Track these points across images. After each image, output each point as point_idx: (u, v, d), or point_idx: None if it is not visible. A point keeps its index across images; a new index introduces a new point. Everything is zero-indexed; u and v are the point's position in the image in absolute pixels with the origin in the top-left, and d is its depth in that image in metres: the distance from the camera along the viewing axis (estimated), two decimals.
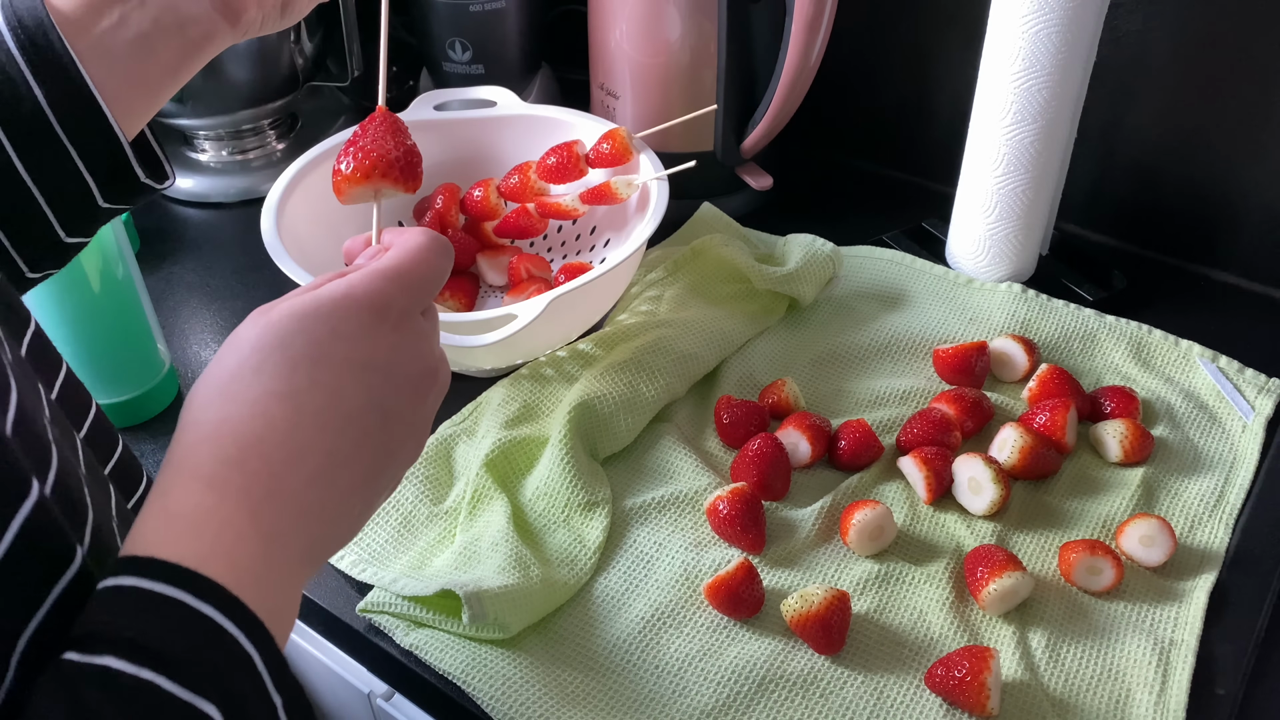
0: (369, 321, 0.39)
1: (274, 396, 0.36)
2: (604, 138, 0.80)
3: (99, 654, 0.29)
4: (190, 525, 0.33)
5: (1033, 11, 0.74)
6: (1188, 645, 0.60)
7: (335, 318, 0.38)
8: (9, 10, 0.45)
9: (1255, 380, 0.77)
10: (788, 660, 0.59)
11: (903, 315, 0.84)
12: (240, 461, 0.35)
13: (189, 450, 0.35)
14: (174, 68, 0.50)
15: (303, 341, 0.37)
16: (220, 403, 0.36)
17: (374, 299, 0.39)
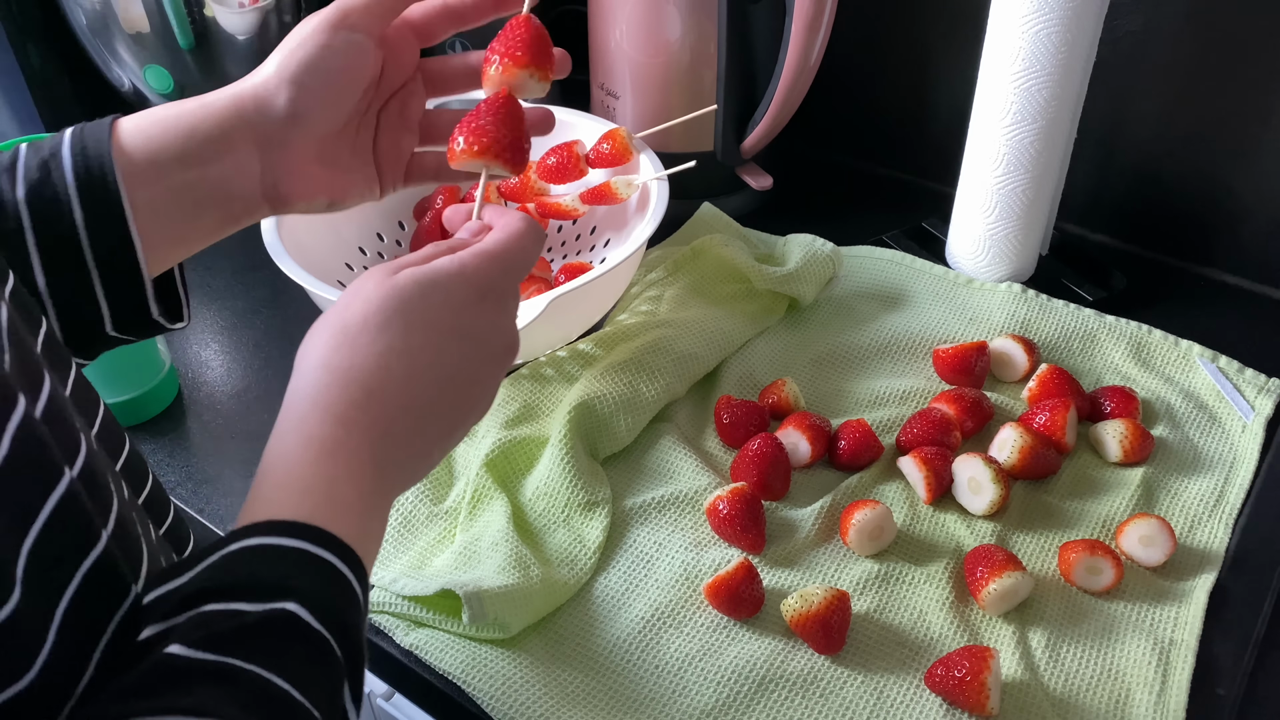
0: (474, 298, 0.45)
1: (394, 352, 0.43)
2: (604, 138, 0.80)
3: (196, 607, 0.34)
4: (325, 451, 0.40)
5: (1033, 11, 0.74)
6: (1187, 645, 0.60)
7: (448, 290, 0.44)
8: (77, 135, 0.48)
9: (1255, 380, 0.77)
10: (788, 660, 0.59)
11: (903, 315, 0.84)
12: (365, 405, 0.42)
13: (323, 389, 0.41)
14: (212, 232, 0.53)
15: (420, 307, 0.43)
16: (350, 350, 0.42)
17: (481, 279, 0.45)
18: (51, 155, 0.47)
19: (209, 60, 0.94)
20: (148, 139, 0.49)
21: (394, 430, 0.42)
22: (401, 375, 0.43)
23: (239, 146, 0.51)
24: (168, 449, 0.75)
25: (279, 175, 0.52)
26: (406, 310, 0.43)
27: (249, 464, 0.74)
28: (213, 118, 0.50)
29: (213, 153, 0.50)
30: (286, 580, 0.35)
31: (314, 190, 0.54)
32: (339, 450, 0.40)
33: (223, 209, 0.52)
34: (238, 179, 0.51)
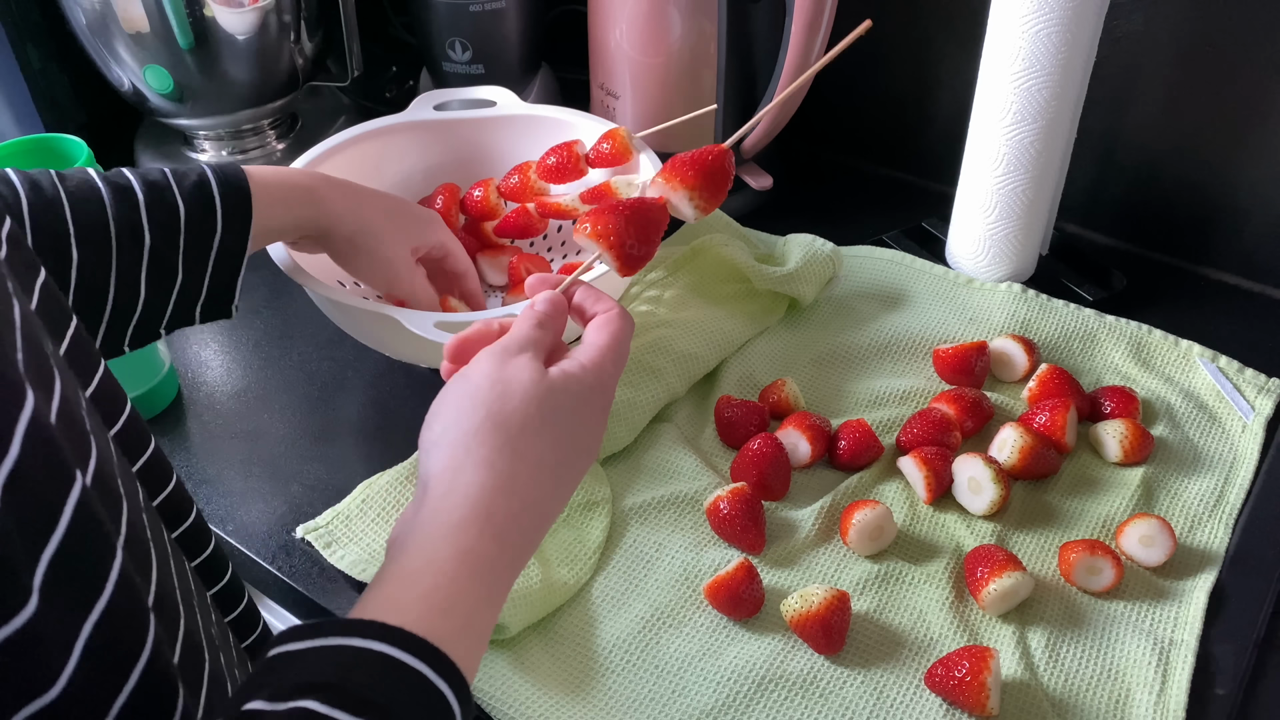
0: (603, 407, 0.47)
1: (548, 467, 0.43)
2: (604, 138, 0.80)
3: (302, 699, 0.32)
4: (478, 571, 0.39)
5: (1033, 11, 0.74)
6: (1187, 645, 0.60)
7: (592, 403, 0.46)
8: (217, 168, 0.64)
9: (1255, 380, 0.77)
10: (788, 660, 0.59)
11: (903, 315, 0.84)
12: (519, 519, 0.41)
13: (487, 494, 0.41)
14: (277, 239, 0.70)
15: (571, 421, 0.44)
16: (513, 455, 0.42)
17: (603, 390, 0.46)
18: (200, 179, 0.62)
19: (209, 60, 0.94)
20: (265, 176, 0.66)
21: (528, 547, 0.42)
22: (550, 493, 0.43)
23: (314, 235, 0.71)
24: (168, 449, 0.75)
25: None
26: (559, 420, 0.43)
27: (249, 464, 0.74)
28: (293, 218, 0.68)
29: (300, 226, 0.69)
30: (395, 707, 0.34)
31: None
32: (490, 571, 0.40)
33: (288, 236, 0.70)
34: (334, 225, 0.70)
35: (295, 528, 0.68)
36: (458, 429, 0.42)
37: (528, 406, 0.43)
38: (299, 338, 0.85)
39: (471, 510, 0.40)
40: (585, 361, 0.46)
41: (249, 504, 0.71)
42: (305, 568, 0.66)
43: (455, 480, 0.41)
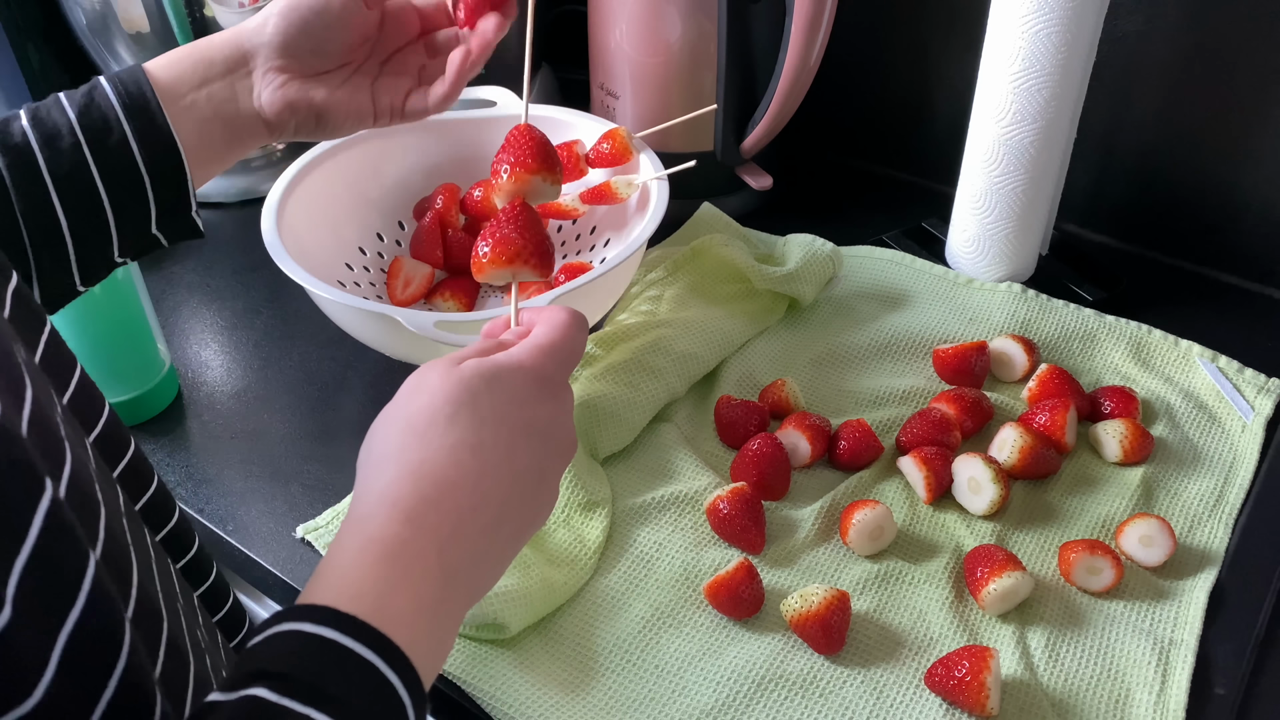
0: (535, 390, 0.44)
1: (465, 446, 0.41)
2: (604, 138, 0.80)
3: (250, 687, 0.32)
4: (387, 552, 0.38)
5: (1033, 11, 0.74)
6: (1187, 645, 0.60)
7: (513, 384, 0.44)
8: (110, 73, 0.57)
9: (1255, 380, 0.77)
10: (787, 660, 0.59)
11: (902, 315, 0.84)
12: (436, 501, 0.40)
13: (390, 483, 0.40)
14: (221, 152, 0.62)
15: (488, 401, 0.43)
16: (419, 445, 0.41)
17: (540, 371, 0.45)
18: (93, 87, 0.56)
19: None
20: (166, 66, 0.59)
21: (464, 530, 0.40)
22: (474, 472, 0.41)
23: (237, 69, 0.60)
24: (168, 449, 0.75)
25: (269, 94, 0.61)
26: (475, 404, 0.42)
27: (249, 464, 0.74)
28: (215, 46, 0.60)
29: (217, 73, 0.60)
30: (327, 686, 0.33)
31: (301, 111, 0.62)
32: (402, 552, 0.38)
33: (226, 126, 0.60)
34: (235, 96, 0.60)
35: (295, 528, 0.68)
36: (373, 440, 0.43)
37: (434, 398, 0.42)
38: (299, 338, 0.85)
39: (377, 501, 0.40)
40: (514, 351, 0.46)
41: (249, 504, 0.71)
42: (305, 568, 0.66)
43: (363, 486, 0.41)
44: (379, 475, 0.41)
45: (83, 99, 0.56)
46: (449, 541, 0.40)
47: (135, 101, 0.56)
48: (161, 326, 0.80)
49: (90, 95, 0.56)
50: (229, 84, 0.60)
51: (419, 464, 0.40)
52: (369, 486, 0.41)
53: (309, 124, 0.63)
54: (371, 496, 0.40)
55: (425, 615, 0.38)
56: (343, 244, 0.84)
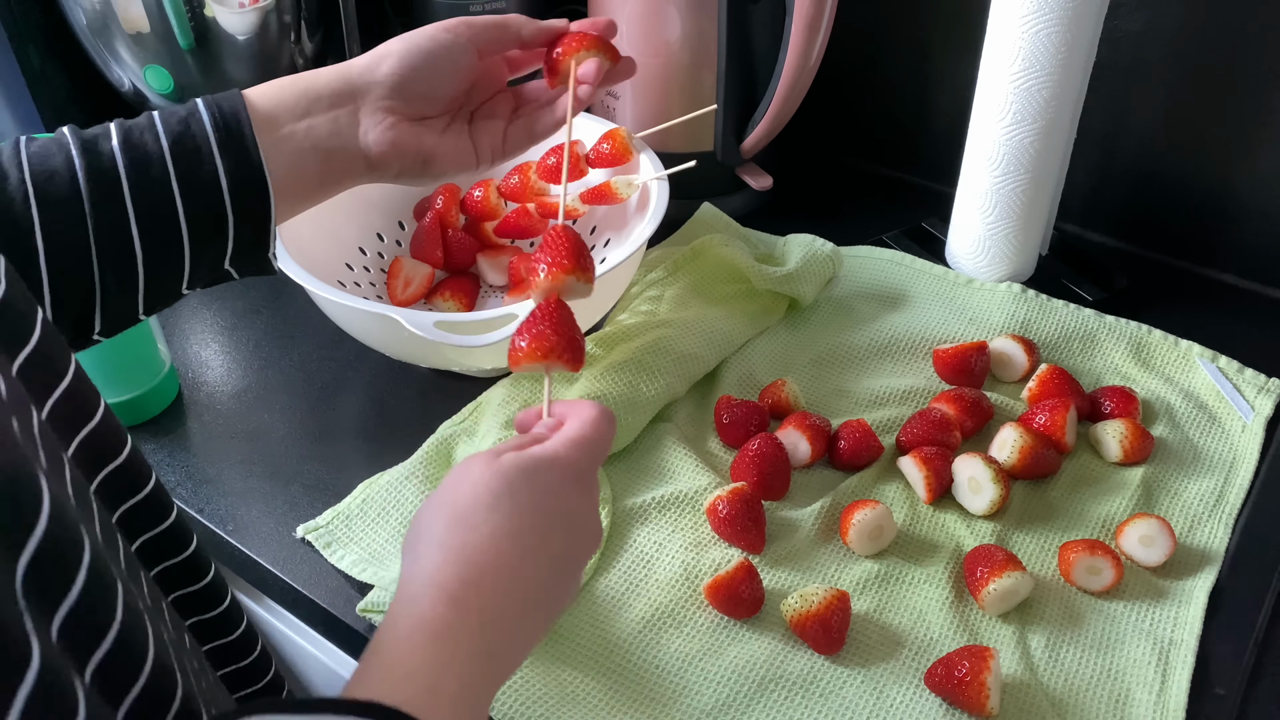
0: (569, 482, 0.47)
1: (505, 533, 0.44)
2: (604, 138, 0.80)
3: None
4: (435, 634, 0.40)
5: (1033, 12, 0.74)
6: (1187, 645, 0.60)
7: (548, 476, 0.46)
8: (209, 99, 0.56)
9: (1255, 380, 0.77)
10: (788, 660, 0.59)
11: (902, 315, 0.84)
12: (478, 584, 0.42)
13: (437, 567, 0.42)
14: (314, 187, 0.59)
15: (526, 491, 0.45)
16: (463, 530, 0.43)
17: (574, 464, 0.47)
18: (190, 114, 0.54)
19: (209, 60, 0.94)
20: (266, 96, 0.57)
21: (504, 613, 0.43)
22: (512, 557, 0.44)
23: (343, 104, 0.58)
24: (168, 449, 0.75)
25: (376, 136, 0.59)
26: (514, 492, 0.45)
27: (249, 464, 0.74)
28: (322, 79, 0.58)
29: (321, 107, 0.58)
30: None
31: (406, 146, 0.60)
32: (449, 633, 0.41)
33: (324, 162, 0.58)
34: (341, 133, 0.58)
35: (295, 528, 0.68)
36: (419, 527, 0.45)
37: (476, 488, 0.45)
38: (299, 338, 0.85)
39: (424, 583, 0.42)
40: (550, 444, 0.48)
41: (249, 504, 0.71)
42: (305, 567, 0.66)
43: (411, 569, 0.43)
44: (426, 559, 0.43)
45: (179, 126, 0.54)
46: (490, 623, 0.42)
47: (231, 135, 0.54)
48: (162, 326, 0.80)
49: (186, 123, 0.54)
50: (332, 119, 0.58)
51: (462, 548, 0.43)
52: (417, 569, 0.43)
53: (414, 168, 0.62)
54: (419, 579, 0.42)
55: (469, 694, 0.40)
56: (343, 244, 0.84)
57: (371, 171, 0.60)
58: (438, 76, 0.61)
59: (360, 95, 0.59)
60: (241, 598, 0.80)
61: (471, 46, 0.62)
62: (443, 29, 0.62)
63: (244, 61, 0.96)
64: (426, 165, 0.62)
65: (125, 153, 0.52)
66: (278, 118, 0.56)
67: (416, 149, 0.61)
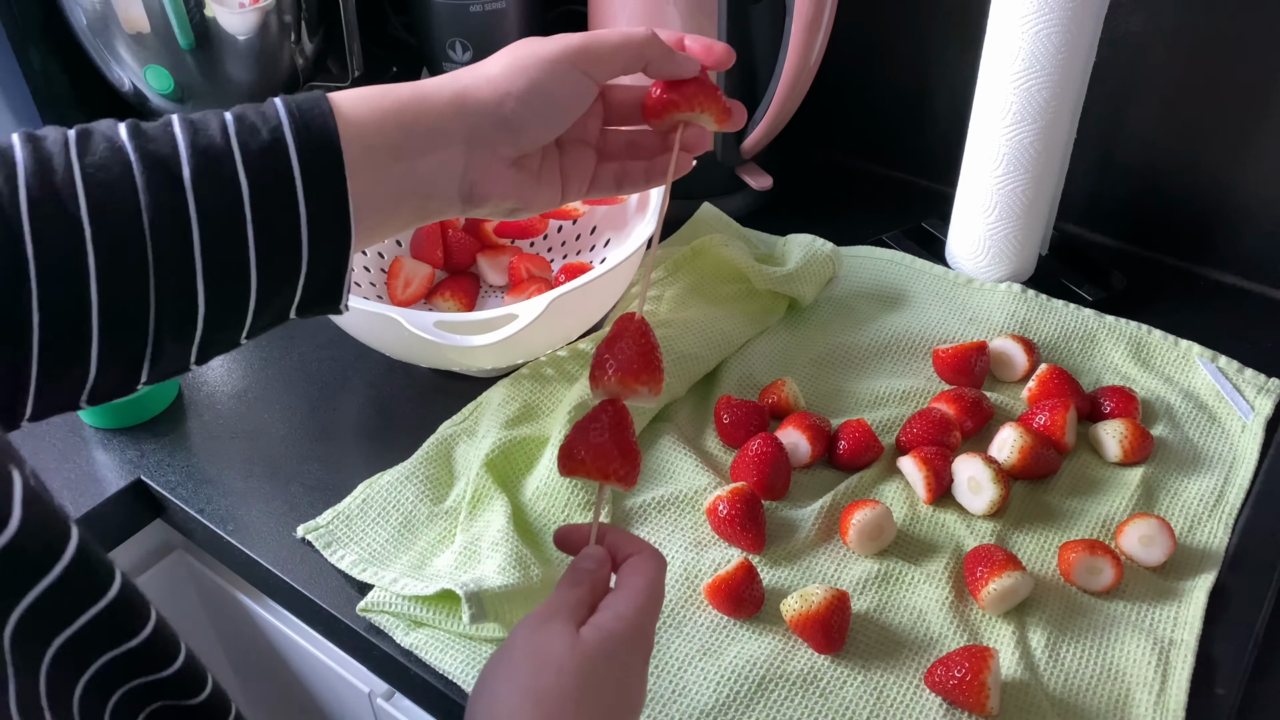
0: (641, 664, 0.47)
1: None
2: None
3: None
4: None
5: (1033, 12, 0.74)
6: (1187, 645, 0.60)
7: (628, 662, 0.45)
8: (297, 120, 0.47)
9: (1255, 380, 0.77)
10: (788, 660, 0.60)
11: (902, 315, 0.84)
12: None
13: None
14: (404, 225, 0.52)
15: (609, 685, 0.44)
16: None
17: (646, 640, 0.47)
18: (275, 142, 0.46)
19: (209, 60, 0.94)
20: (365, 127, 0.48)
21: None
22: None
23: (451, 143, 0.51)
24: (168, 449, 0.75)
25: (479, 176, 0.52)
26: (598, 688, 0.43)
27: (249, 464, 0.74)
28: (432, 111, 0.50)
29: (425, 147, 0.50)
30: None
31: (507, 194, 0.54)
32: None
33: (420, 203, 0.52)
34: (442, 176, 0.51)
35: (295, 528, 0.68)
36: (497, 707, 0.42)
37: (563, 679, 0.42)
38: (299, 338, 0.85)
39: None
40: (622, 612, 0.46)
41: (249, 504, 0.71)
42: (305, 568, 0.66)
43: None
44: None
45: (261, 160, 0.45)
46: None
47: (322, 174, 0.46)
48: None
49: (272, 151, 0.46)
50: (437, 163, 0.50)
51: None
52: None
53: (505, 210, 0.56)
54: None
55: None
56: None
57: (465, 210, 0.54)
58: (559, 121, 0.53)
59: (472, 135, 0.51)
60: (241, 598, 0.80)
61: (596, 86, 0.54)
62: (568, 62, 0.53)
63: (244, 61, 0.96)
64: (518, 210, 0.56)
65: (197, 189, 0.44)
66: (375, 154, 0.48)
67: (516, 195, 0.55)
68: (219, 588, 0.82)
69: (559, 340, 0.78)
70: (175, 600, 0.84)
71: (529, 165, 0.55)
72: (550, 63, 0.52)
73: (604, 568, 0.49)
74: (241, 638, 0.85)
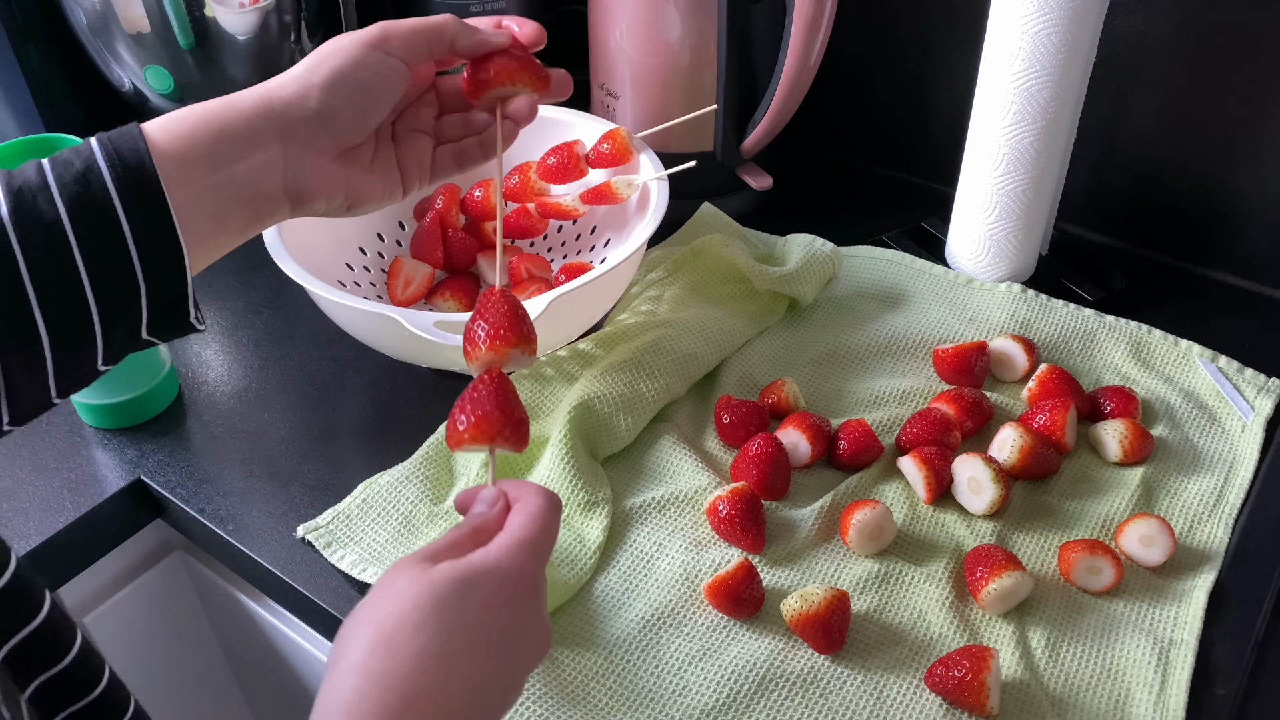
0: (509, 594, 0.44)
1: (432, 656, 0.41)
2: (604, 138, 0.80)
3: None
4: None
5: (1033, 12, 0.74)
6: (1187, 645, 0.60)
7: (485, 590, 0.43)
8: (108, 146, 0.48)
9: (1255, 380, 0.77)
10: (788, 660, 0.59)
11: (902, 315, 0.84)
12: (400, 714, 0.40)
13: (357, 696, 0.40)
14: (237, 233, 0.53)
15: (459, 608, 0.42)
16: (385, 653, 0.41)
17: (516, 573, 0.44)
18: (88, 169, 0.47)
19: (209, 60, 0.94)
20: (176, 140, 0.49)
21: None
22: (440, 681, 0.41)
23: (266, 144, 0.52)
24: (168, 449, 0.75)
25: (301, 173, 0.53)
26: (443, 611, 0.42)
27: (249, 464, 0.74)
28: (242, 117, 0.51)
29: (241, 151, 0.51)
30: None
31: (335, 189, 0.55)
32: None
33: (248, 209, 0.52)
34: (263, 177, 0.52)
35: (295, 528, 0.68)
36: (342, 643, 0.43)
37: (401, 603, 0.42)
38: (299, 338, 0.85)
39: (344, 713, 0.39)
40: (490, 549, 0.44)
41: (249, 504, 0.71)
42: (305, 568, 0.66)
43: (329, 694, 0.41)
44: (345, 683, 0.40)
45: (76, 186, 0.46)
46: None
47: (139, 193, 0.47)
48: None
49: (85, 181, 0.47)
50: (256, 164, 0.52)
51: (384, 674, 0.40)
52: (334, 695, 0.40)
53: (340, 208, 0.57)
54: (337, 709, 0.40)
55: None
56: (343, 244, 0.84)
57: (295, 210, 0.55)
58: (370, 106, 0.55)
59: (285, 133, 0.52)
60: (241, 598, 0.80)
61: (402, 66, 0.55)
62: (368, 45, 0.54)
63: (244, 61, 0.96)
64: (353, 205, 0.57)
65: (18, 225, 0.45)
66: (192, 168, 0.49)
67: (345, 190, 0.56)
68: (219, 588, 0.82)
69: (559, 340, 0.78)
70: (175, 600, 0.84)
71: (359, 158, 0.56)
72: (350, 50, 0.53)
73: (492, 509, 0.48)
74: (241, 638, 0.85)
